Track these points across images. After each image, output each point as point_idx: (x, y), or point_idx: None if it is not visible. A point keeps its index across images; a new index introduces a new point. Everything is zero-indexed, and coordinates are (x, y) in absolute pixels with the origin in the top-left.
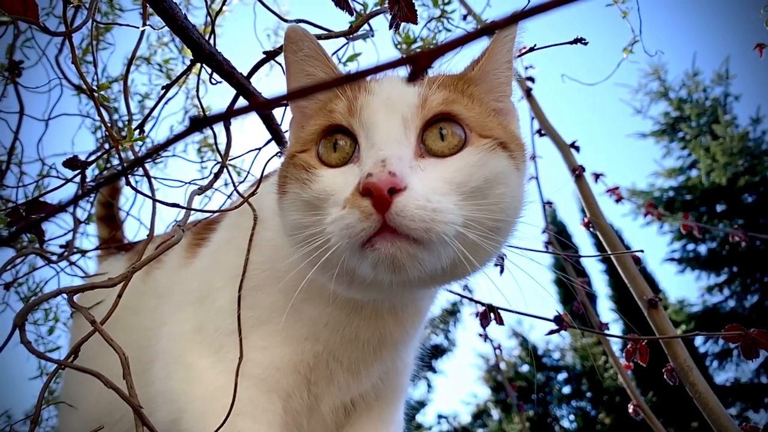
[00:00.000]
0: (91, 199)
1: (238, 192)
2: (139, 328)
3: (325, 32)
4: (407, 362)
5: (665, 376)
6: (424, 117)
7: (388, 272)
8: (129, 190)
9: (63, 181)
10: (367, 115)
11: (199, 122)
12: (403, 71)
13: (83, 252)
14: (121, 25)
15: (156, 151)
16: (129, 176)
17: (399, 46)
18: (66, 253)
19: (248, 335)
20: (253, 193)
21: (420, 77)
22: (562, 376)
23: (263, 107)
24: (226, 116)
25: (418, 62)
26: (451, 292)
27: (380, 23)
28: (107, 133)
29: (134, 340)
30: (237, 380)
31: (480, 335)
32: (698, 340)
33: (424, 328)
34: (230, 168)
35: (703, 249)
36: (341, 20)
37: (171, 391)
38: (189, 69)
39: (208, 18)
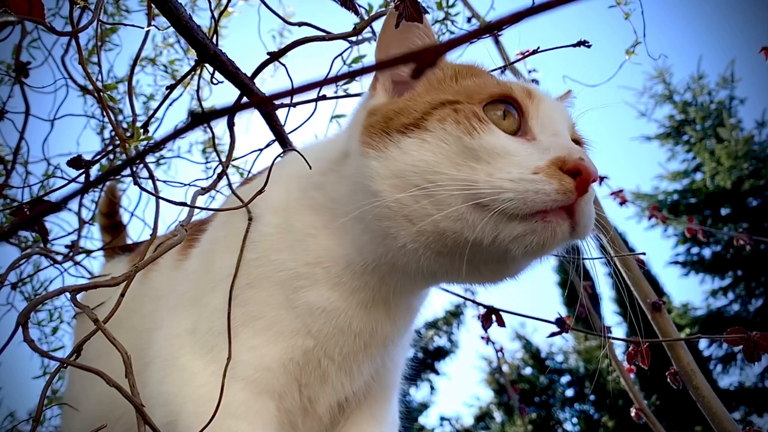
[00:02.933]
0: (96, 199)
1: (235, 194)
2: (139, 329)
3: (328, 34)
4: (397, 361)
5: (668, 380)
6: (572, 136)
7: (530, 246)
8: (131, 193)
9: (67, 181)
10: (545, 109)
11: (200, 117)
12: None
13: (88, 252)
14: (126, 25)
15: (158, 145)
16: (133, 175)
17: None
18: (71, 254)
19: (239, 334)
20: (252, 199)
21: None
22: (565, 379)
23: (264, 104)
24: (227, 112)
25: (422, 59)
26: (454, 294)
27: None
28: (114, 132)
29: (134, 341)
30: (224, 382)
31: (482, 337)
32: (702, 344)
33: (413, 329)
34: (233, 169)
35: (707, 252)
36: (346, 23)
37: (166, 393)
38: (193, 69)
39: (213, 19)
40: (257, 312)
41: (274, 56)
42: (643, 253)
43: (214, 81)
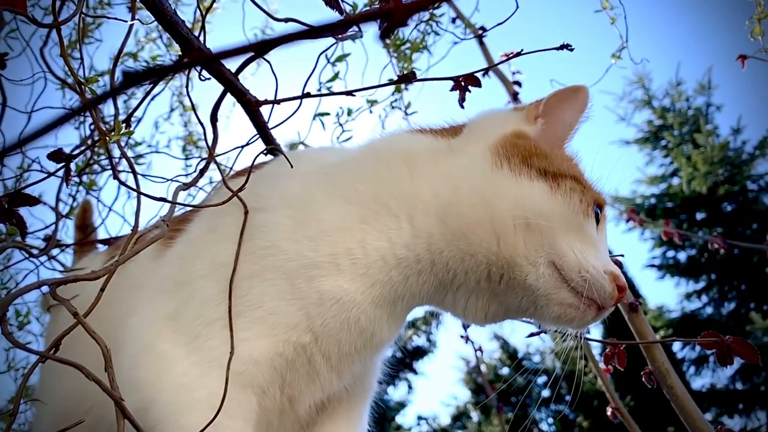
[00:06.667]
0: (73, 193)
1: (227, 186)
2: (111, 319)
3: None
4: (377, 364)
5: (643, 379)
6: None
7: (564, 316)
8: (107, 192)
9: (45, 175)
10: (605, 226)
11: (133, 77)
12: None
13: (63, 246)
14: (109, 18)
15: (105, 98)
16: (113, 169)
17: (388, 48)
18: (48, 247)
19: (232, 324)
20: (241, 188)
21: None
22: (541, 380)
23: (208, 61)
24: (165, 72)
25: (392, 17)
26: None
27: (370, 25)
28: (94, 126)
29: (107, 332)
30: (228, 375)
31: (461, 337)
32: (676, 346)
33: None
34: (215, 164)
35: (682, 256)
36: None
37: (138, 380)
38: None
39: (198, 14)
40: (255, 302)
41: (259, 53)
42: (622, 255)
43: (201, 78)
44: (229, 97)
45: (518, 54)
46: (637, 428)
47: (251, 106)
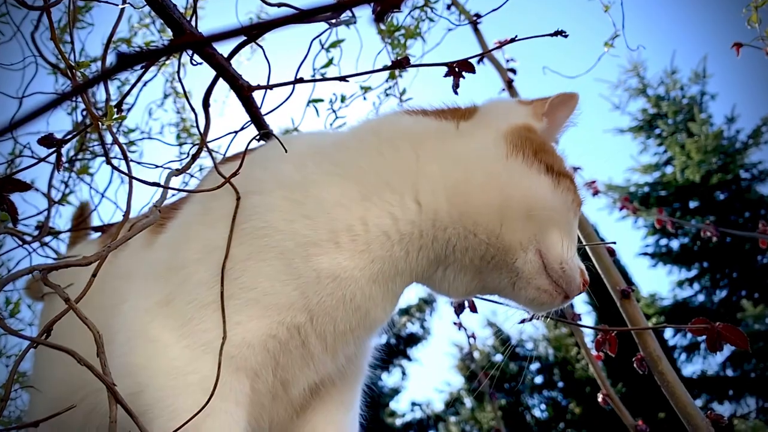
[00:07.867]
0: (66, 179)
1: (219, 172)
2: (103, 307)
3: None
4: (369, 348)
5: (635, 365)
6: None
7: (537, 299)
8: (100, 178)
9: (36, 160)
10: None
11: (126, 59)
12: None
13: (55, 233)
14: (100, 1)
15: (98, 80)
16: (106, 155)
17: (382, 34)
18: (40, 234)
19: (225, 307)
20: (235, 173)
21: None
22: (534, 366)
23: (200, 44)
24: (155, 54)
25: (385, 1)
26: None
27: (364, 9)
28: (86, 111)
29: (98, 320)
30: (221, 359)
31: (455, 323)
32: (667, 333)
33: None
34: (207, 150)
35: (675, 244)
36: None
37: (131, 365)
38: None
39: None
40: (249, 283)
41: (251, 38)
42: (614, 243)
43: (194, 63)
44: (224, 83)
45: (513, 40)
46: (627, 414)
47: (243, 91)
